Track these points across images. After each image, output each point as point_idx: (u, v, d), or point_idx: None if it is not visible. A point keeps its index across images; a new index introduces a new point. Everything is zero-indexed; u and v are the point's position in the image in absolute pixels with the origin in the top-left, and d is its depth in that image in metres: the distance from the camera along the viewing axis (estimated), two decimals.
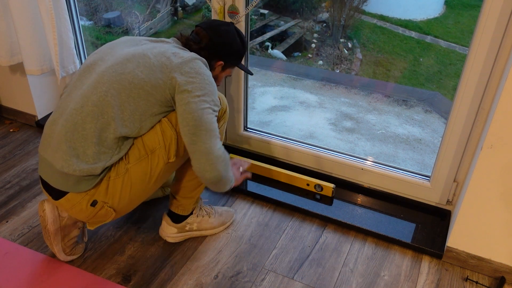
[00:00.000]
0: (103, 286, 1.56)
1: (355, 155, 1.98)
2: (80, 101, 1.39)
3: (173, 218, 1.70)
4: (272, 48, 4.86)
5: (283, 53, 4.85)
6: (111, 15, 4.91)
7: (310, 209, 1.86)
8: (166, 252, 1.70)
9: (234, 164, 1.68)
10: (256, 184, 2.00)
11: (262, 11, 5.15)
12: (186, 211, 1.68)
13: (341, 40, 4.89)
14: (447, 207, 1.85)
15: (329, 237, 1.78)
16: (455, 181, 1.78)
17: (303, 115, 3.75)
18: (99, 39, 4.68)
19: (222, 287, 1.57)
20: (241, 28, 1.85)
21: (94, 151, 1.36)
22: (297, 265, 1.66)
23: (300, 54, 4.91)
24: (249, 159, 2.06)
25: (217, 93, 1.46)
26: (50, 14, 1.95)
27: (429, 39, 4.82)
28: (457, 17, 5.08)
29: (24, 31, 2.01)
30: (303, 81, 4.37)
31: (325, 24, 5.06)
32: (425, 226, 1.80)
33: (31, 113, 2.42)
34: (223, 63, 1.59)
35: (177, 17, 5.26)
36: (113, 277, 1.59)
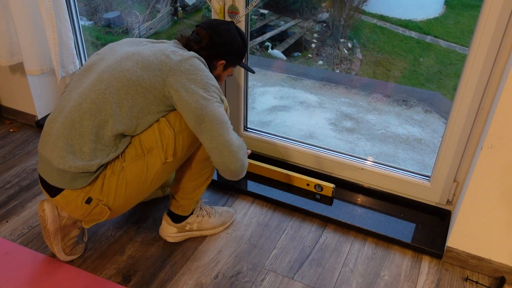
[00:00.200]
0: (103, 286, 1.56)
1: (355, 155, 1.98)
2: (78, 99, 1.40)
3: (173, 218, 1.69)
4: (272, 48, 4.86)
5: (283, 53, 4.85)
6: (111, 15, 4.91)
7: (310, 209, 1.86)
8: (166, 252, 1.70)
9: None
10: (256, 184, 2.00)
11: (262, 11, 5.15)
12: (186, 211, 1.68)
13: (341, 40, 4.89)
14: (447, 207, 1.85)
15: (329, 237, 1.78)
16: (455, 181, 1.78)
17: (303, 115, 3.75)
18: (99, 39, 4.68)
19: (222, 287, 1.57)
20: (241, 28, 1.85)
21: (91, 148, 1.37)
22: (297, 265, 1.66)
23: (300, 54, 4.91)
24: (250, 159, 2.06)
25: (218, 85, 1.46)
26: (50, 14, 1.95)
27: (429, 39, 4.82)
28: (457, 17, 5.07)
29: (24, 31, 2.01)
30: (303, 81, 4.37)
31: (325, 24, 5.06)
32: (425, 226, 1.80)
33: (31, 113, 2.42)
34: (224, 62, 1.59)
35: (177, 17, 5.26)
36: (113, 277, 1.59)
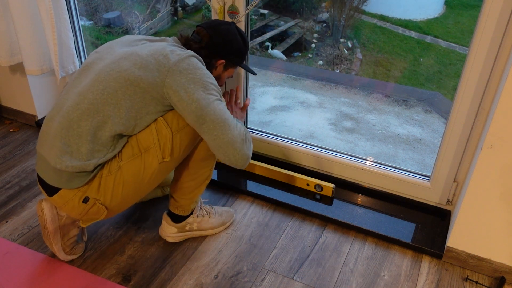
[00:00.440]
0: (103, 286, 1.56)
1: (355, 155, 1.98)
2: (76, 99, 1.39)
3: (173, 218, 1.69)
4: (272, 48, 4.86)
5: (283, 53, 4.85)
6: (111, 15, 4.92)
7: (310, 209, 1.86)
8: (166, 252, 1.70)
9: (230, 102, 1.68)
10: (256, 184, 2.00)
11: (262, 11, 5.15)
12: (185, 211, 1.68)
13: (341, 40, 4.89)
14: (447, 207, 1.85)
15: (329, 237, 1.78)
16: (455, 181, 1.78)
17: (303, 115, 3.75)
18: (99, 39, 4.68)
19: (222, 287, 1.57)
20: (241, 28, 1.85)
21: (88, 149, 1.37)
22: (297, 265, 1.66)
23: (300, 54, 4.91)
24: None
25: (216, 83, 1.46)
26: (49, 14, 1.95)
27: (429, 39, 4.82)
28: (457, 17, 5.08)
29: (24, 31, 2.01)
30: (303, 81, 4.37)
31: (325, 24, 5.07)
32: (425, 226, 1.80)
33: (31, 113, 2.42)
34: (224, 61, 1.58)
35: (177, 17, 5.27)
36: (113, 277, 1.59)
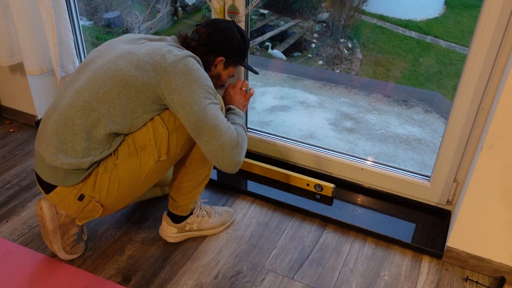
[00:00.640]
0: (103, 286, 1.56)
1: (355, 155, 1.98)
2: (73, 97, 1.40)
3: (173, 218, 1.69)
4: (272, 48, 4.86)
5: (283, 53, 4.85)
6: (111, 15, 4.92)
7: (310, 209, 1.86)
8: (166, 252, 1.70)
9: (235, 88, 1.67)
10: (256, 184, 2.00)
11: (262, 11, 5.15)
12: (184, 212, 1.68)
13: (341, 40, 4.89)
14: (447, 207, 1.85)
15: (329, 237, 1.78)
16: (455, 181, 1.78)
17: (303, 115, 3.75)
18: (99, 39, 4.68)
19: (222, 287, 1.57)
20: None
21: (83, 146, 1.37)
22: (297, 265, 1.66)
23: (300, 54, 4.91)
24: (249, 159, 2.06)
25: (212, 85, 1.44)
26: (49, 14, 1.95)
27: (429, 39, 4.82)
28: (457, 17, 5.08)
29: (24, 31, 2.01)
30: (303, 81, 4.37)
31: (325, 24, 5.07)
32: (425, 226, 1.80)
33: (31, 113, 2.42)
34: (224, 58, 1.57)
35: (177, 17, 5.27)
36: (113, 277, 1.59)
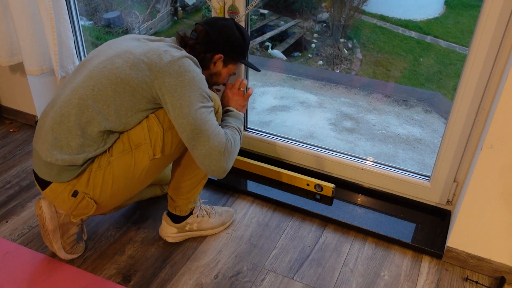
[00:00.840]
0: (103, 286, 1.56)
1: (355, 155, 1.98)
2: (69, 94, 1.41)
3: (173, 218, 1.69)
4: (272, 48, 4.86)
5: (283, 53, 4.85)
6: (111, 15, 4.92)
7: (310, 209, 1.86)
8: (166, 252, 1.70)
9: (233, 88, 1.66)
10: (256, 184, 2.00)
11: (262, 11, 5.15)
12: (183, 211, 1.68)
13: (341, 40, 4.89)
14: (447, 207, 1.85)
15: (329, 237, 1.78)
16: (455, 181, 1.78)
17: (303, 115, 3.75)
18: (99, 39, 4.68)
19: (222, 287, 1.57)
20: None
21: (78, 143, 1.38)
22: (297, 265, 1.66)
23: (300, 54, 4.91)
24: (249, 159, 2.06)
25: (207, 87, 1.44)
26: (49, 14, 1.95)
27: (429, 39, 4.82)
28: (457, 17, 5.08)
29: (24, 31, 2.01)
30: (303, 81, 4.37)
31: (325, 24, 5.07)
32: (425, 226, 1.80)
33: (31, 113, 2.42)
34: (222, 56, 1.57)
35: (177, 17, 5.27)
36: (113, 277, 1.59)
